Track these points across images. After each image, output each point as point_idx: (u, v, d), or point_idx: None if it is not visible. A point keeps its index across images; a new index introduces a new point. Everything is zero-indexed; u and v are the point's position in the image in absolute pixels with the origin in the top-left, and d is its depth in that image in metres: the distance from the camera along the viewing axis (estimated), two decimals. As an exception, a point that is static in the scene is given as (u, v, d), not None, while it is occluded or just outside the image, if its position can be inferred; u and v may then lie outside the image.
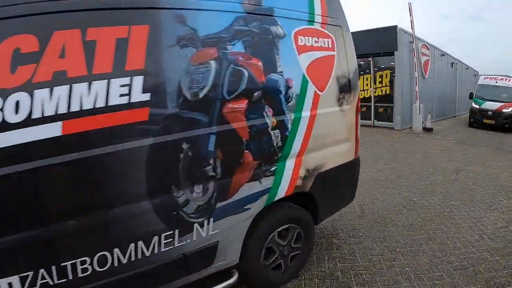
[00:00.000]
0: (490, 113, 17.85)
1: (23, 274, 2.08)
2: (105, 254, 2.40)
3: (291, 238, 3.70)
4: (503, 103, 17.67)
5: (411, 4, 15.78)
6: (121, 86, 2.29)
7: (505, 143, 13.31)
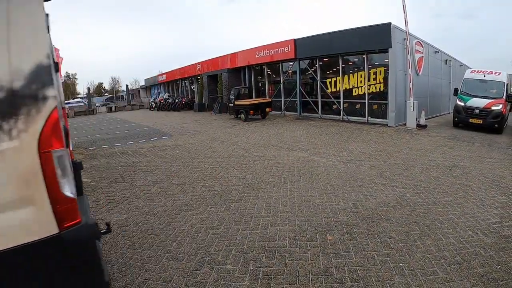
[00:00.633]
0: (477, 111, 15.44)
1: None
2: None
3: None
4: (492, 100, 15.32)
5: (404, 1, 15.77)
6: None
7: (498, 139, 13.32)
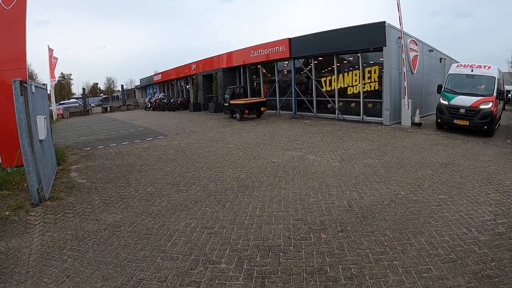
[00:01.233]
0: (462, 110, 13.62)
1: None
2: None
3: None
4: (480, 97, 13.47)
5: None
6: None
7: (495, 134, 13.35)
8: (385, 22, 15.75)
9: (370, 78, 17.25)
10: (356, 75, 17.95)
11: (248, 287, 3.78)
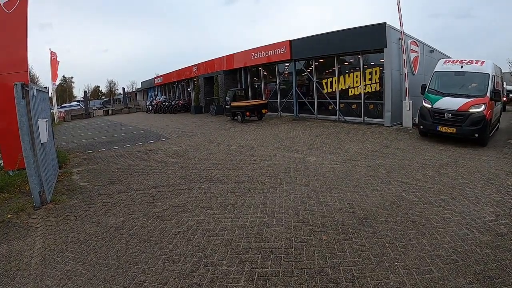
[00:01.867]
0: (448, 115, 11.65)
1: None
2: None
3: None
4: (470, 99, 11.50)
5: (399, 0, 15.80)
6: None
7: (496, 135, 13.32)
8: (385, 23, 15.77)
9: (371, 79, 17.26)
10: (357, 77, 17.96)
11: (249, 289, 3.78)
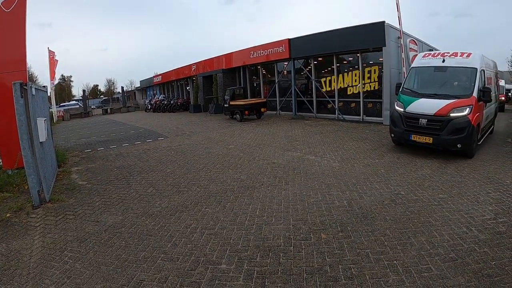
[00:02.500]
0: (423, 121, 9.56)
1: None
2: None
3: None
4: (452, 100, 9.38)
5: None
6: None
7: (493, 136, 13.32)
8: (384, 22, 15.76)
9: (370, 78, 17.26)
10: (356, 75, 17.96)
11: (248, 287, 3.78)
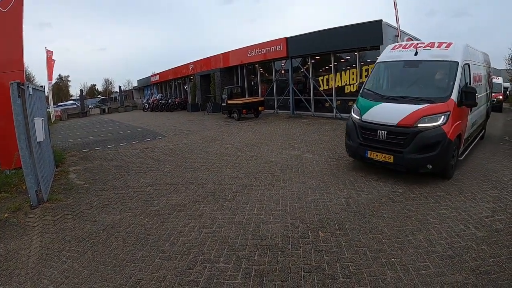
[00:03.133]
0: (382, 133, 7.44)
1: None
2: None
3: None
4: (422, 105, 7.27)
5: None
6: None
7: (490, 131, 13.33)
8: (381, 20, 15.78)
9: (367, 76, 17.24)
10: (353, 74, 17.97)
11: (246, 285, 3.79)
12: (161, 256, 4.56)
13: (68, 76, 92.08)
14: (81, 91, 49.23)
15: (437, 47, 8.17)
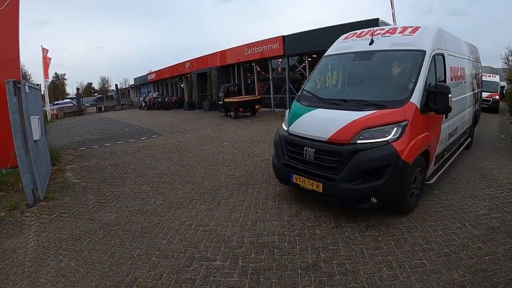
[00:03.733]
0: (310, 151, 5.43)
1: None
2: None
3: None
4: (366, 113, 5.19)
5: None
6: None
7: (486, 130, 13.37)
8: (378, 19, 15.82)
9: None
10: (350, 72, 17.85)
11: (243, 283, 3.79)
12: (158, 254, 4.56)
13: (64, 74, 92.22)
14: (78, 89, 49.29)
15: (400, 33, 6.29)
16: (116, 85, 56.78)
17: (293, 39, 20.60)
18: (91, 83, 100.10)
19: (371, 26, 15.48)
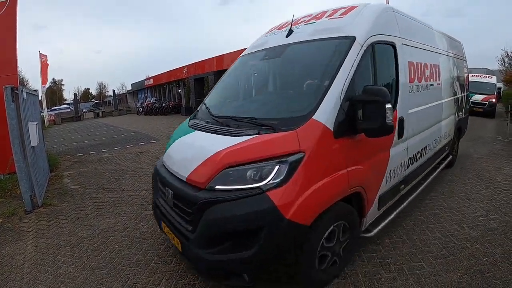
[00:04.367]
0: (170, 194, 3.79)
1: None
2: None
3: None
4: (239, 140, 3.33)
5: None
6: None
7: (483, 132, 13.41)
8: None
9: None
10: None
11: (242, 288, 3.78)
12: (157, 259, 4.55)
13: (62, 80, 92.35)
14: (75, 95, 49.08)
15: (328, 16, 4.46)
16: (113, 91, 56.66)
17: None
18: (89, 89, 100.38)
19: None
